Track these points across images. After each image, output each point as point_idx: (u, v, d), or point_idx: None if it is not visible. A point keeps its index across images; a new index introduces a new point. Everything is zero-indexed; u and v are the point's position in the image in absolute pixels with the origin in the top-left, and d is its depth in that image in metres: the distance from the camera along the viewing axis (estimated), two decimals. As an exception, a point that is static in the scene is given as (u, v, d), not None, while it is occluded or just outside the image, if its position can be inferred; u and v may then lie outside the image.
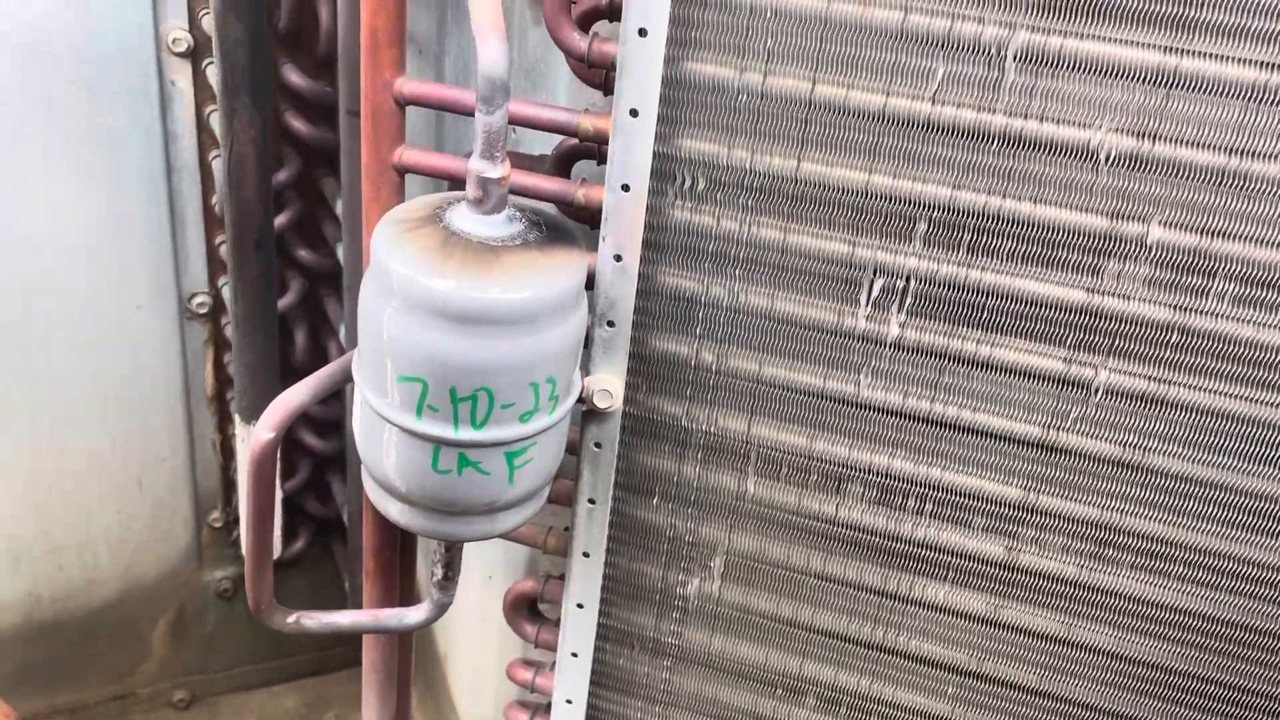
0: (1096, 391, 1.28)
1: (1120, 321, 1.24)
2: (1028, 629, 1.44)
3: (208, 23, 2.14)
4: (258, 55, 1.83)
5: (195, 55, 2.21)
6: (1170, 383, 1.25)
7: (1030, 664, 1.47)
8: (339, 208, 2.24)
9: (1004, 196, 1.22)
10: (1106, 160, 1.17)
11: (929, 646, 1.49)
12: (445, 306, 1.13)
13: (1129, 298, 1.22)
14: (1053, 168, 1.19)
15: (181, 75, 2.21)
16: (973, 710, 1.52)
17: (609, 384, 1.42)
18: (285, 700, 3.17)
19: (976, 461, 1.36)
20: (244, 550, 1.44)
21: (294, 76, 2.24)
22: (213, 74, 2.15)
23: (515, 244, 1.19)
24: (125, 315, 2.42)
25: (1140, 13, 1.10)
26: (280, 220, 2.35)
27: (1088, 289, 1.23)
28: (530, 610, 1.73)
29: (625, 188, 1.32)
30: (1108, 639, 1.42)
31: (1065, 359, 1.27)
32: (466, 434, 1.20)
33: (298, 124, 2.30)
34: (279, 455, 1.42)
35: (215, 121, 2.24)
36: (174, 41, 2.15)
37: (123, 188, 2.25)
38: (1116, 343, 1.25)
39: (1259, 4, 1.06)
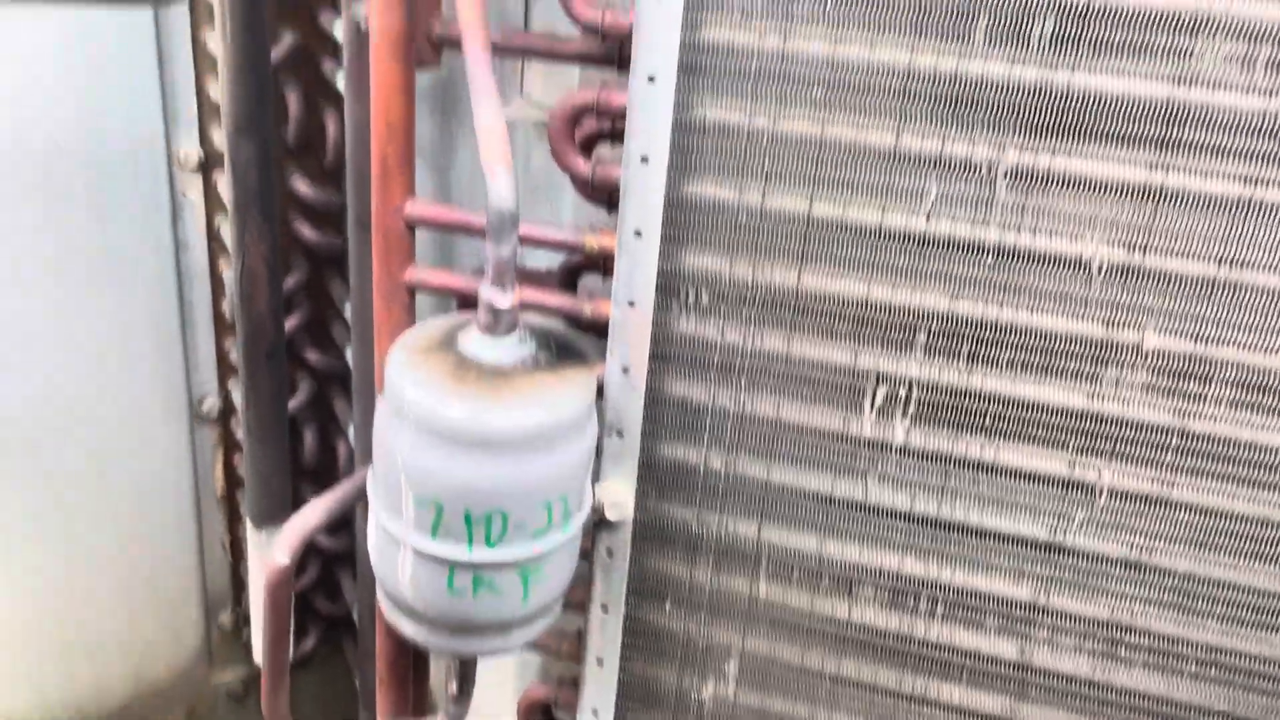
0: (1101, 494, 1.30)
1: (1121, 426, 1.26)
2: (1044, 728, 1.44)
3: (218, 137, 2.20)
4: (267, 175, 1.88)
5: (206, 168, 2.26)
6: (1173, 484, 1.27)
7: (1049, 763, 1.46)
8: (348, 310, 2.28)
9: (1001, 306, 1.25)
10: (1099, 271, 1.20)
11: (946, 748, 1.49)
12: (459, 432, 1.15)
13: (1128, 402, 1.25)
14: (1047, 279, 1.22)
15: (193, 188, 2.27)
16: (993, 811, 1.51)
17: (619, 494, 1.43)
18: (296, 801, 3.13)
19: (986, 563, 1.37)
20: (261, 668, 1.45)
21: (302, 186, 2.29)
22: (223, 186, 2.20)
23: (526, 366, 1.22)
24: (136, 420, 2.45)
25: (1125, 134, 1.14)
26: (290, 324, 2.39)
27: (1088, 395, 1.26)
28: (544, 716, 1.73)
29: (631, 304, 1.35)
30: (1125, 737, 1.42)
31: (1069, 462, 1.29)
32: (481, 554, 1.22)
33: (306, 231, 2.35)
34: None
35: (226, 230, 2.28)
36: (185, 157, 2.21)
37: (135, 298, 2.29)
38: (1118, 446, 1.27)
39: (1238, 124, 1.10)
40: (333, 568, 2.79)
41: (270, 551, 1.33)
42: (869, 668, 1.48)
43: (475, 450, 1.16)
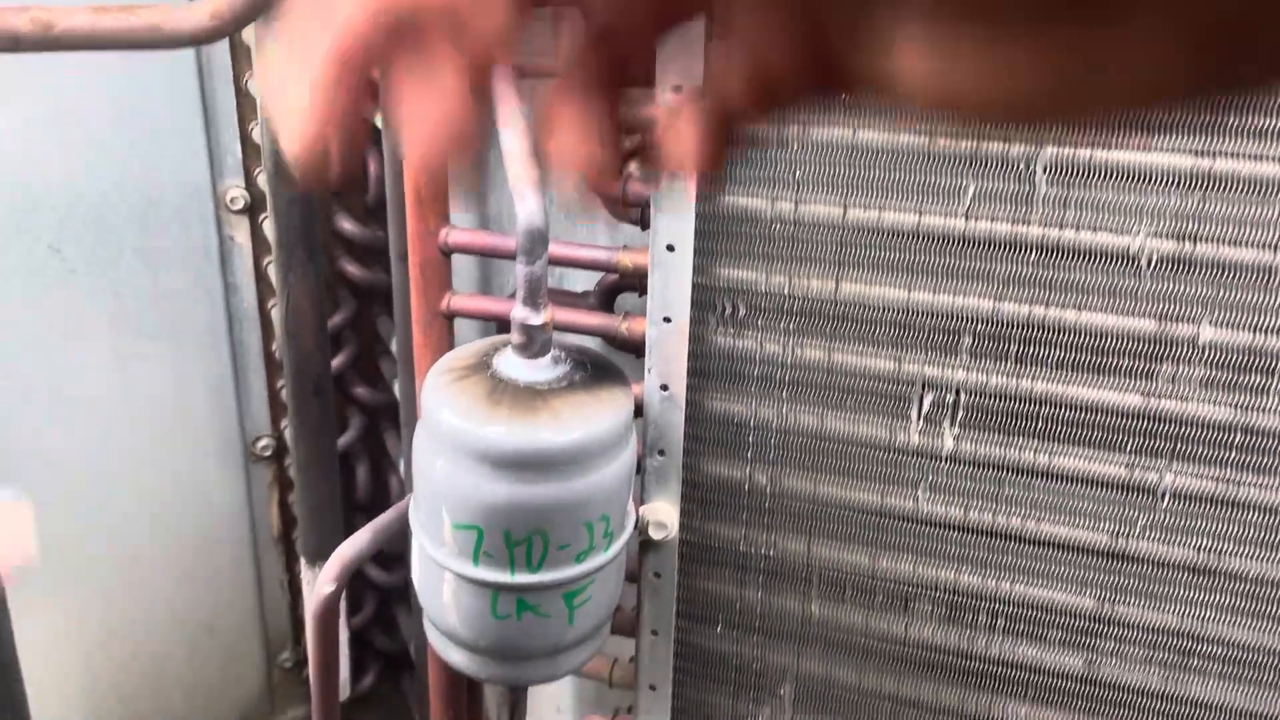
0: (1163, 496, 1.24)
1: (1180, 424, 1.21)
2: (1117, 746, 1.38)
3: (263, 179, 2.24)
4: (309, 213, 1.91)
5: (252, 211, 2.30)
6: (1239, 483, 1.21)
7: (1124, 783, 1.40)
8: (394, 345, 2.29)
9: (1047, 305, 1.21)
10: (1149, 264, 1.16)
11: (1015, 768, 1.44)
12: (496, 454, 1.14)
13: (1187, 399, 1.20)
14: (1094, 275, 1.18)
15: (240, 230, 2.30)
16: (1068, 835, 1.45)
17: (663, 513, 1.41)
18: (361, 842, 3.12)
19: (1046, 573, 1.33)
20: (312, 699, 1.44)
21: (346, 224, 2.32)
22: (269, 228, 2.23)
23: (562, 386, 1.20)
24: (191, 464, 2.48)
25: (1166, 122, 1.10)
26: (338, 361, 2.41)
27: (1143, 393, 1.21)
28: (601, 745, 1.70)
29: (667, 320, 1.33)
30: (1204, 753, 1.35)
31: (1127, 465, 1.25)
32: (523, 577, 1.20)
33: (351, 268, 2.37)
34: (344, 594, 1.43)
35: (273, 272, 2.32)
36: (231, 200, 2.25)
37: (186, 343, 2.33)
38: (1179, 446, 1.22)
39: (1286, 103, 1.06)
40: (389, 604, 2.79)
41: (316, 583, 1.33)
42: (929, 686, 1.43)
43: (511, 471, 1.14)
